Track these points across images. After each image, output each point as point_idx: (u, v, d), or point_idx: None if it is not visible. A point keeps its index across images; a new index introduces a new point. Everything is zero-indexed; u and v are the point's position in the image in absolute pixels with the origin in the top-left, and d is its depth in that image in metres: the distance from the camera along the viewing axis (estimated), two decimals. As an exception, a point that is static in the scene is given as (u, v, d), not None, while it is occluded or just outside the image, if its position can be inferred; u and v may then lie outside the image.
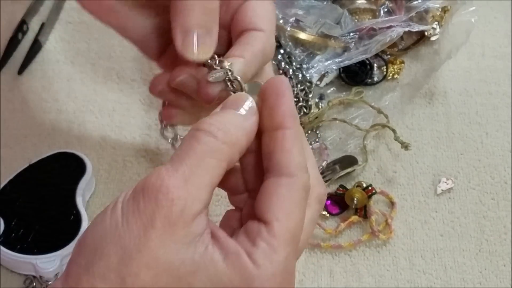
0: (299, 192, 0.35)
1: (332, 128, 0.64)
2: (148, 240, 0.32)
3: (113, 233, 0.33)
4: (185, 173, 0.34)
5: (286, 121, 0.36)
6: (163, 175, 0.33)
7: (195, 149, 0.34)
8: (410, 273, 0.57)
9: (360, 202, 0.58)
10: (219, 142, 0.35)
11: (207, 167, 0.34)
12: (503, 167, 0.62)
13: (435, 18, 0.67)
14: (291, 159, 0.36)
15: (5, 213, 0.57)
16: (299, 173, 0.36)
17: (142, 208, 0.33)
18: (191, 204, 0.33)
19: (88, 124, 0.65)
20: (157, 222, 0.32)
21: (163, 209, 0.32)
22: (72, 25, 0.72)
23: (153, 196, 0.33)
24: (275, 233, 0.34)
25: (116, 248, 0.33)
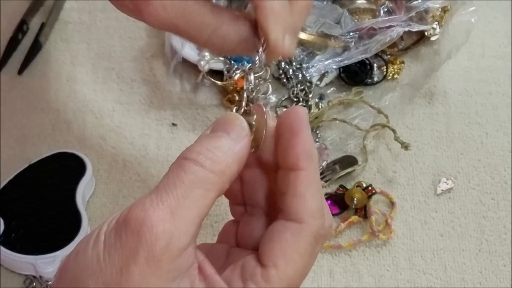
0: (307, 240, 0.33)
1: (332, 128, 0.64)
2: (130, 276, 0.31)
3: (95, 266, 0.31)
4: (171, 205, 0.31)
5: (301, 163, 0.34)
6: (147, 206, 0.31)
7: (182, 180, 0.32)
8: (410, 273, 0.57)
9: (360, 202, 0.58)
10: (207, 171, 0.33)
11: (195, 198, 0.32)
12: (503, 167, 0.62)
13: (435, 18, 0.67)
14: (302, 204, 0.33)
15: (5, 213, 0.57)
16: (310, 219, 0.33)
17: (124, 242, 0.31)
18: (177, 239, 0.31)
19: (88, 124, 0.65)
20: (140, 257, 0.31)
21: (147, 244, 0.30)
22: (72, 25, 0.72)
23: (136, 230, 0.31)
24: (269, 279, 0.32)
25: (96, 282, 0.31)
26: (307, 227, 0.33)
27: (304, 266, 0.34)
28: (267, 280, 0.32)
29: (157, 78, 0.68)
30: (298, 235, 0.33)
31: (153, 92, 0.67)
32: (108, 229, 0.32)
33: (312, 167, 0.34)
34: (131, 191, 0.61)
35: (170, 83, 0.67)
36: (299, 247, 0.33)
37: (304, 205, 0.34)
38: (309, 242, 0.33)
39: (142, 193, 0.60)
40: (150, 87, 0.67)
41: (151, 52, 0.70)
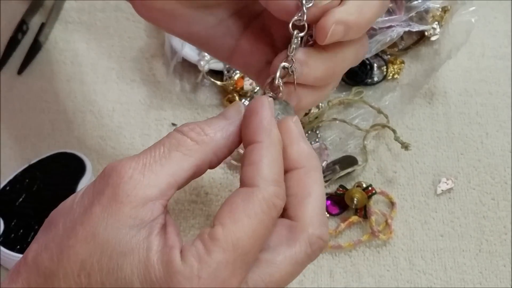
0: (257, 204, 0.33)
1: (332, 128, 0.64)
2: (91, 214, 0.32)
3: (68, 207, 0.34)
4: (146, 159, 0.33)
5: (256, 136, 0.35)
6: (126, 159, 0.33)
7: (164, 143, 0.34)
8: (410, 273, 0.57)
9: (360, 202, 0.58)
10: (188, 139, 0.34)
11: (171, 159, 0.34)
12: (503, 167, 0.62)
13: (435, 18, 0.67)
14: (254, 170, 0.34)
15: (5, 213, 0.57)
16: (262, 184, 0.34)
17: (97, 185, 0.33)
18: (143, 187, 0.32)
19: (88, 124, 0.65)
20: (103, 198, 0.32)
21: (112, 186, 0.32)
22: (72, 25, 0.72)
23: (107, 174, 0.33)
24: (215, 236, 0.32)
25: (65, 220, 0.33)
26: (258, 191, 0.33)
27: (254, 230, 0.33)
28: (213, 237, 0.32)
29: (157, 78, 0.68)
30: (248, 198, 0.33)
31: (153, 92, 0.67)
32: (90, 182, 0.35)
33: (269, 140, 0.35)
34: (131, 191, 0.61)
35: (170, 83, 0.67)
36: (247, 208, 0.33)
37: (256, 171, 0.34)
38: (259, 205, 0.33)
39: (142, 193, 0.61)
40: (150, 87, 0.67)
41: (151, 52, 0.70)
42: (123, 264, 0.32)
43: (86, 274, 0.32)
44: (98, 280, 0.32)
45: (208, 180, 0.61)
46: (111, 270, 0.32)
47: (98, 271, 0.32)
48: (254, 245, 0.33)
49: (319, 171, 0.36)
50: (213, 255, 0.32)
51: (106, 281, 0.32)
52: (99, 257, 0.32)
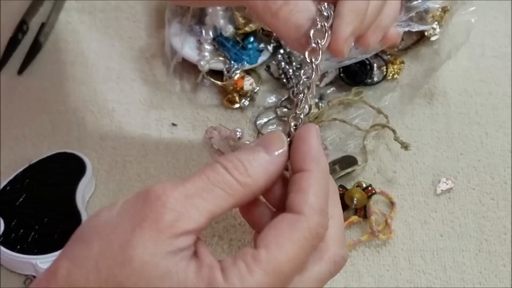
0: (302, 232, 0.34)
1: (332, 128, 0.64)
2: (132, 238, 0.33)
3: (104, 225, 0.34)
4: (189, 191, 0.34)
5: (306, 164, 0.36)
6: (168, 186, 0.34)
7: (208, 176, 0.35)
8: (409, 273, 0.57)
9: (360, 202, 0.58)
10: (232, 179, 0.35)
11: (213, 195, 0.34)
12: (503, 167, 0.62)
13: (435, 18, 0.67)
14: (302, 198, 0.35)
15: (5, 213, 0.57)
16: (308, 213, 0.35)
17: (138, 209, 0.34)
18: (184, 220, 0.33)
19: (88, 124, 0.65)
20: (146, 224, 0.33)
21: (156, 215, 0.33)
22: (72, 25, 0.72)
23: (151, 201, 0.33)
24: (258, 258, 0.33)
25: (102, 240, 0.33)
26: (304, 219, 0.35)
27: (296, 256, 0.34)
28: (256, 258, 0.33)
29: (157, 78, 0.68)
30: (295, 225, 0.35)
31: (153, 92, 0.67)
32: (126, 199, 0.35)
33: (317, 169, 0.36)
34: (131, 191, 0.61)
35: (170, 83, 0.67)
36: (292, 235, 0.34)
37: (304, 199, 0.35)
38: (304, 234, 0.34)
39: (142, 193, 0.61)
40: (150, 87, 0.67)
41: (151, 52, 0.70)
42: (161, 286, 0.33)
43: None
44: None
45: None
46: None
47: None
48: (294, 270, 0.34)
49: (337, 195, 0.38)
50: (255, 276, 0.33)
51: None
52: (136, 281, 0.33)
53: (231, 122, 0.65)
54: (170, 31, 0.66)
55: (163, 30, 0.69)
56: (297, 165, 0.37)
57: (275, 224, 0.35)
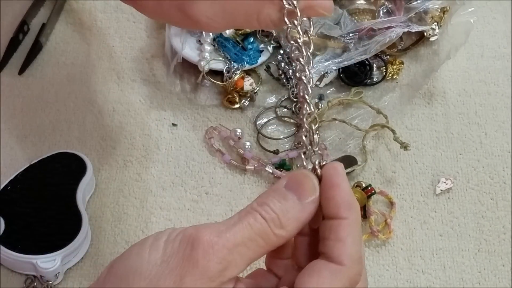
0: (342, 281, 0.36)
1: (332, 129, 0.64)
2: (183, 284, 0.34)
3: (150, 269, 0.34)
4: (236, 240, 0.35)
5: (342, 212, 0.37)
6: (218, 233, 0.35)
7: (251, 225, 0.36)
8: (409, 273, 0.57)
9: (360, 202, 0.58)
10: (271, 232, 0.36)
11: (255, 244, 0.36)
12: (502, 167, 0.62)
13: (434, 19, 0.67)
14: (343, 248, 0.36)
15: (5, 213, 0.57)
16: (350, 263, 0.36)
17: (188, 255, 0.34)
18: (231, 269, 0.35)
19: (89, 124, 0.65)
20: (196, 271, 0.34)
21: (207, 263, 0.34)
22: (72, 25, 0.72)
23: (203, 248, 0.34)
24: None
25: (150, 283, 0.34)
26: (345, 270, 0.36)
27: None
28: None
29: (157, 78, 0.68)
30: (337, 275, 0.36)
31: (153, 92, 0.67)
32: (169, 239, 0.35)
33: (353, 216, 0.37)
34: (132, 191, 0.61)
35: (170, 83, 0.67)
36: (334, 285, 0.35)
37: (345, 249, 0.36)
38: (344, 284, 0.36)
39: (142, 193, 0.61)
40: (150, 88, 0.68)
41: (151, 52, 0.70)
42: None
43: None
44: None
45: (208, 180, 0.62)
46: None
47: None
48: None
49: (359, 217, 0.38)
50: None
51: None
52: None
53: (231, 122, 0.65)
54: (170, 31, 0.66)
55: (163, 31, 0.70)
56: (332, 212, 0.37)
57: (318, 273, 0.36)
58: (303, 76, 0.40)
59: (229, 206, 0.60)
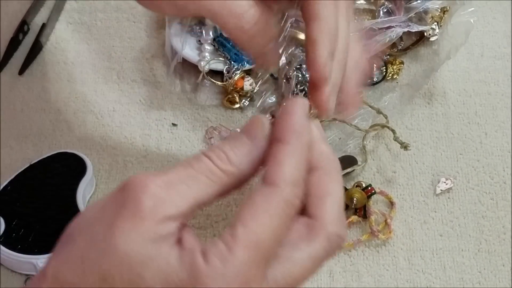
0: (278, 204, 0.34)
1: (332, 128, 0.64)
2: (113, 227, 0.33)
3: (88, 220, 0.34)
4: (172, 178, 0.34)
5: (286, 136, 0.36)
6: (150, 174, 0.34)
7: (192, 165, 0.35)
8: (409, 273, 0.57)
9: (360, 202, 0.58)
10: (217, 168, 0.35)
11: (198, 182, 0.34)
12: (502, 167, 0.62)
13: (434, 19, 0.67)
14: (277, 170, 0.35)
15: (5, 213, 0.57)
16: (283, 185, 0.34)
17: (119, 198, 0.33)
18: (166, 206, 0.33)
19: (89, 124, 0.65)
20: (126, 211, 0.33)
21: (136, 201, 0.33)
22: (72, 25, 0.72)
23: (132, 189, 0.33)
24: (237, 235, 0.33)
25: (86, 234, 0.34)
26: (279, 191, 0.34)
27: (273, 227, 0.33)
28: (234, 236, 0.33)
29: (157, 78, 0.68)
30: (269, 197, 0.34)
31: (153, 92, 0.67)
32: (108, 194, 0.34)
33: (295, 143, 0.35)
34: (132, 191, 0.61)
35: (170, 83, 0.67)
36: (269, 207, 0.34)
37: (278, 170, 0.35)
38: (279, 205, 0.34)
39: (143, 193, 0.61)
40: (151, 87, 0.68)
41: (152, 52, 0.70)
42: (145, 273, 0.32)
43: (108, 286, 0.32)
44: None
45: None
46: (132, 281, 0.32)
47: (119, 282, 0.32)
48: (275, 242, 0.34)
49: (338, 172, 0.38)
50: (235, 253, 0.32)
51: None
52: (120, 269, 0.32)
53: (231, 122, 0.65)
54: (171, 31, 0.66)
55: (163, 31, 0.70)
56: (278, 136, 0.36)
57: (250, 199, 0.34)
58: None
59: (229, 207, 0.60)
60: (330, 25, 0.41)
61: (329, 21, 0.40)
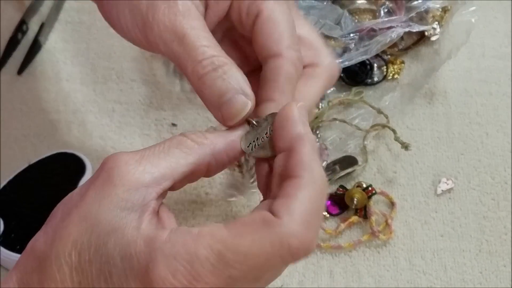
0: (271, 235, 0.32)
1: (332, 128, 0.64)
2: (86, 197, 0.34)
3: (68, 198, 0.35)
4: (145, 152, 0.35)
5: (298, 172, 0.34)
6: (125, 152, 0.35)
7: (164, 141, 0.36)
8: (410, 274, 0.57)
9: (360, 203, 0.58)
10: (189, 139, 0.36)
11: (170, 154, 0.35)
12: (503, 167, 0.62)
13: (435, 18, 0.67)
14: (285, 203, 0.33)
15: (5, 214, 0.57)
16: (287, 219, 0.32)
17: (94, 174, 0.35)
18: (138, 173, 0.34)
19: (88, 124, 0.65)
20: (98, 181, 0.34)
21: (107, 171, 0.34)
22: (71, 25, 0.72)
23: (105, 161, 0.35)
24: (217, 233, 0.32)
25: (64, 207, 0.35)
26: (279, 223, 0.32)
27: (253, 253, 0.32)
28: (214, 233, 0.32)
29: (157, 78, 0.68)
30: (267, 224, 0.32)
31: (153, 92, 0.67)
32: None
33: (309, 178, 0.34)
34: (131, 191, 0.61)
35: (170, 83, 0.67)
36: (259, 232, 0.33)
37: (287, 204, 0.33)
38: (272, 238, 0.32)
39: (142, 193, 0.61)
40: (150, 87, 0.67)
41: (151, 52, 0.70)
42: (108, 241, 0.33)
43: (76, 253, 0.33)
44: (86, 259, 0.33)
45: (208, 180, 0.61)
46: (98, 248, 0.33)
47: (87, 249, 0.33)
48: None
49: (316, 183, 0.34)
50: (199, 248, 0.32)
51: (93, 259, 0.33)
52: (89, 236, 0.33)
53: (231, 122, 0.65)
54: (170, 31, 0.66)
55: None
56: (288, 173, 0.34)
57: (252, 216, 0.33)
58: None
59: (229, 207, 0.60)
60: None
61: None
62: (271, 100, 0.39)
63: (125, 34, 0.42)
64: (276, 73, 0.39)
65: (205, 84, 0.37)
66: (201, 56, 0.37)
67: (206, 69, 0.37)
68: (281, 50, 0.39)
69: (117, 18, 0.41)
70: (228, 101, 0.37)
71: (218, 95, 0.37)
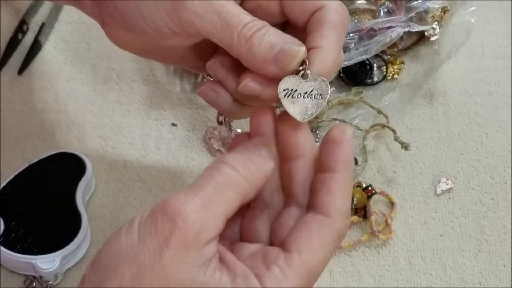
0: (331, 234, 0.37)
1: (332, 128, 0.64)
2: (162, 258, 0.33)
3: (129, 251, 0.34)
4: (204, 199, 0.35)
5: (338, 166, 0.38)
6: (182, 199, 0.34)
7: (217, 179, 0.36)
8: (409, 273, 0.57)
9: (360, 202, 0.58)
10: (241, 177, 0.36)
11: (225, 198, 0.36)
12: (503, 167, 0.62)
13: (435, 18, 0.67)
14: (332, 201, 0.37)
15: (5, 214, 0.57)
16: (337, 216, 0.37)
17: (160, 228, 0.34)
18: (206, 230, 0.34)
19: (88, 124, 0.65)
20: (172, 242, 0.34)
21: (180, 231, 0.34)
22: (72, 25, 0.72)
23: (171, 218, 0.34)
24: (292, 263, 0.35)
25: (131, 266, 0.34)
26: (333, 222, 0.37)
27: (325, 257, 0.37)
28: (290, 263, 0.35)
29: (157, 78, 0.68)
30: (324, 227, 0.37)
31: (153, 92, 0.67)
32: (141, 220, 0.35)
33: (347, 173, 0.38)
34: (131, 191, 0.61)
35: (170, 83, 0.67)
36: (323, 238, 0.36)
37: (334, 202, 0.37)
38: (332, 236, 0.37)
39: (142, 193, 0.61)
40: (150, 87, 0.67)
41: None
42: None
43: None
44: None
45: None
46: None
47: None
48: (323, 269, 0.37)
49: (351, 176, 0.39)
50: (290, 280, 0.35)
51: None
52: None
53: (231, 122, 0.65)
54: (170, 31, 0.66)
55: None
56: (328, 166, 0.38)
57: (306, 227, 0.37)
58: None
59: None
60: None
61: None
62: (318, 47, 0.40)
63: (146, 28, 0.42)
64: (320, 23, 0.40)
65: (255, 44, 0.39)
66: (245, 21, 0.39)
67: (252, 30, 0.39)
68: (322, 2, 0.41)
69: (138, 11, 0.41)
70: (281, 49, 0.38)
71: (270, 47, 0.38)
